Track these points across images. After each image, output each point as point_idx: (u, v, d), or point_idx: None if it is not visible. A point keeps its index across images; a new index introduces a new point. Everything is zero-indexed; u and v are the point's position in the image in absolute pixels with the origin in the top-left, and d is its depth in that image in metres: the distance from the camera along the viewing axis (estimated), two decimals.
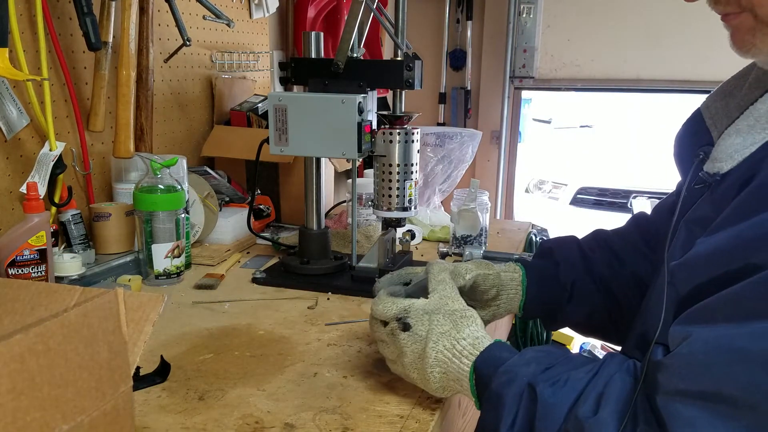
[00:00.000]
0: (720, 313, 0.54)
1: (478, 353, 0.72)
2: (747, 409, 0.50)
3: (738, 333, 0.51)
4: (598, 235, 0.98)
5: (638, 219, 0.98)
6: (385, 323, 0.80)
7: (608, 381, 0.61)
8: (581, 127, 5.97)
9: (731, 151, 0.61)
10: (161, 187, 1.18)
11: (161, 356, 0.86)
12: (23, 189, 1.10)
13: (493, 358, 0.71)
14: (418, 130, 1.17)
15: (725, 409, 0.51)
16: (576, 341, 2.82)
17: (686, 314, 0.58)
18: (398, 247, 1.29)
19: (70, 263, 1.11)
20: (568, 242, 0.97)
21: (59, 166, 1.18)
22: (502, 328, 1.57)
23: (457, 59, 3.15)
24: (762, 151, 0.58)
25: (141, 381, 0.82)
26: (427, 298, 0.82)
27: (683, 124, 0.81)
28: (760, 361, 0.49)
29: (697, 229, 0.62)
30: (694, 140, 0.75)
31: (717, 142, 0.65)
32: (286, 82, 1.25)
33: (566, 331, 1.22)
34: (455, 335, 0.74)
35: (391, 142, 1.15)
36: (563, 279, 0.92)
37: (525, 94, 3.14)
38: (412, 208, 1.19)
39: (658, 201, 0.98)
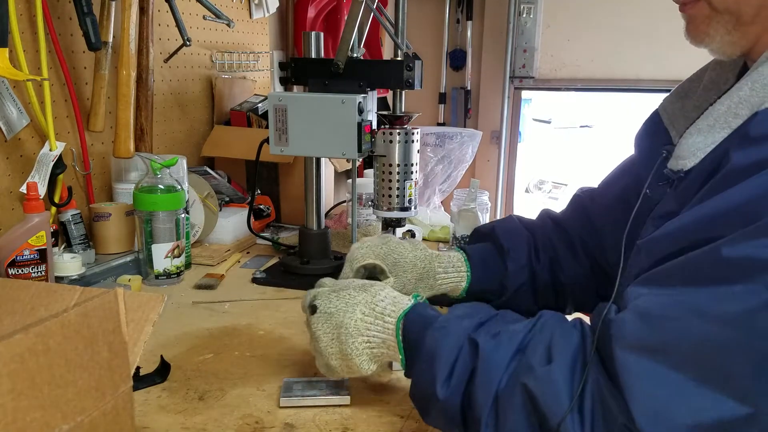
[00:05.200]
0: (678, 277, 0.56)
1: (402, 310, 0.71)
2: (695, 364, 0.51)
3: (696, 295, 0.53)
4: (545, 237, 0.99)
5: (581, 210, 0.98)
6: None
7: (553, 333, 0.62)
8: (581, 127, 5.97)
9: (694, 149, 0.64)
10: (161, 187, 1.18)
11: (161, 356, 0.86)
12: (23, 189, 1.10)
13: (421, 315, 0.70)
14: (418, 130, 1.17)
15: (675, 362, 0.52)
16: None
17: (643, 277, 0.60)
18: None
19: (70, 263, 1.11)
20: (519, 246, 0.97)
21: (59, 166, 1.18)
22: None
23: (457, 59, 3.15)
24: (722, 147, 0.61)
25: (141, 381, 0.82)
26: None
27: (642, 125, 0.85)
28: (716, 322, 0.51)
29: (664, 222, 0.64)
30: (654, 140, 0.79)
31: (679, 141, 0.68)
32: (286, 82, 1.25)
33: None
34: (371, 300, 0.73)
35: (391, 142, 1.15)
36: (509, 286, 0.95)
37: (525, 94, 3.14)
38: (412, 208, 1.19)
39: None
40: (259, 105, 1.73)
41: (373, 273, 0.93)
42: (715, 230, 0.55)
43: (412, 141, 1.15)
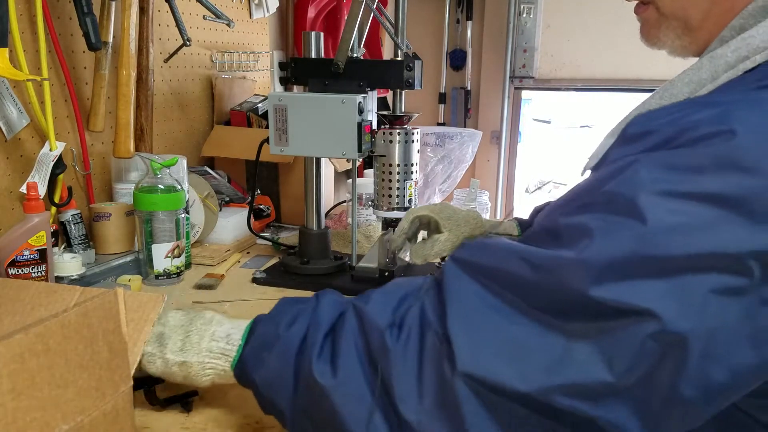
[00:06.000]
0: (533, 234, 0.61)
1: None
2: (506, 291, 0.56)
3: (525, 245, 0.58)
4: None
5: None
6: None
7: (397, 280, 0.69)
8: (581, 127, 5.97)
9: (598, 151, 0.65)
10: (161, 187, 1.18)
11: None
12: (23, 189, 1.10)
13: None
14: (418, 130, 1.17)
15: (488, 283, 0.57)
16: None
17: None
18: None
19: (70, 263, 1.11)
20: None
21: (59, 166, 1.18)
22: None
23: (457, 59, 3.15)
24: (610, 148, 0.63)
25: (142, 382, 0.81)
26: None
27: None
28: (528, 263, 0.55)
29: None
30: None
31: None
32: (286, 82, 1.25)
33: None
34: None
35: (391, 142, 1.15)
36: None
37: (525, 94, 3.14)
38: (412, 208, 1.19)
39: None
40: (259, 105, 1.73)
41: (427, 228, 0.98)
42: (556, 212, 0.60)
43: (412, 141, 1.15)
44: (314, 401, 0.61)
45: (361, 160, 1.65)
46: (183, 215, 1.22)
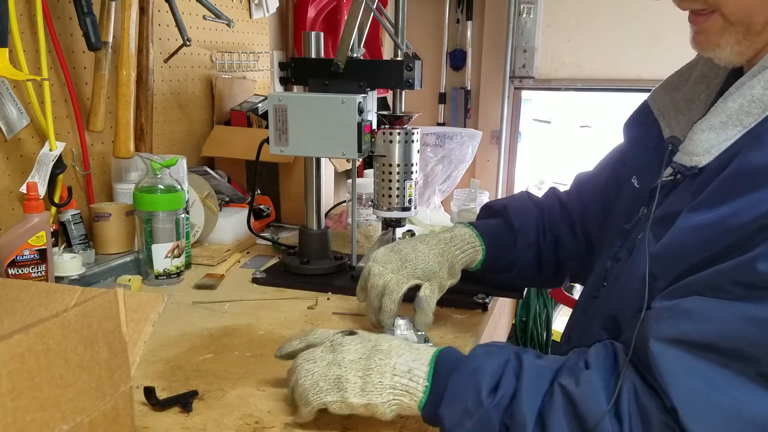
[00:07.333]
0: (714, 289, 0.56)
1: (436, 349, 0.72)
2: (735, 360, 0.53)
3: (737, 303, 0.54)
4: (552, 215, 1.03)
5: (579, 193, 1.04)
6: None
7: (592, 348, 0.66)
8: (581, 127, 5.96)
9: (707, 146, 0.64)
10: (161, 187, 1.18)
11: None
12: (23, 189, 1.10)
13: (456, 352, 0.71)
14: (418, 130, 1.17)
15: (714, 357, 0.54)
16: None
17: (672, 289, 0.61)
18: None
19: (70, 263, 1.11)
20: (529, 225, 1.02)
21: (59, 166, 1.18)
22: (501, 329, 1.57)
23: (457, 59, 3.15)
24: (737, 145, 0.62)
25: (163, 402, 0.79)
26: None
27: (631, 114, 0.88)
28: (758, 325, 0.52)
29: (677, 217, 0.65)
30: (642, 129, 0.82)
31: (688, 135, 0.68)
32: (286, 82, 1.25)
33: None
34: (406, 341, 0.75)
35: (391, 142, 1.15)
36: (517, 263, 1.00)
37: (525, 94, 3.14)
38: (412, 208, 1.19)
39: None
40: (259, 105, 1.73)
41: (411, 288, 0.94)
42: (745, 237, 0.56)
43: (412, 141, 1.15)
44: None
45: (361, 160, 1.65)
46: (183, 215, 1.22)
